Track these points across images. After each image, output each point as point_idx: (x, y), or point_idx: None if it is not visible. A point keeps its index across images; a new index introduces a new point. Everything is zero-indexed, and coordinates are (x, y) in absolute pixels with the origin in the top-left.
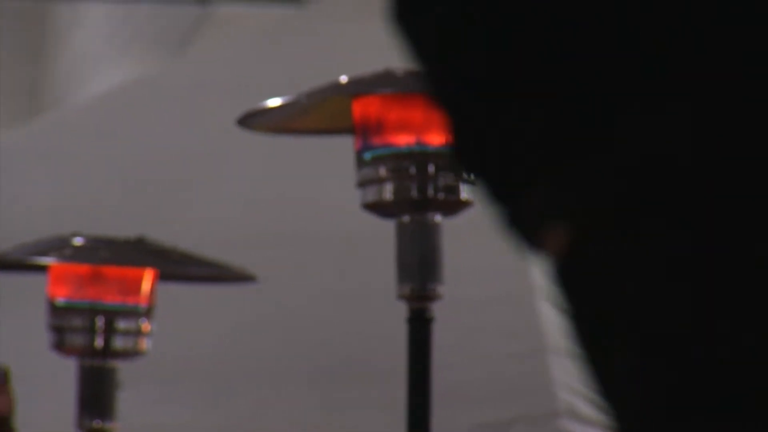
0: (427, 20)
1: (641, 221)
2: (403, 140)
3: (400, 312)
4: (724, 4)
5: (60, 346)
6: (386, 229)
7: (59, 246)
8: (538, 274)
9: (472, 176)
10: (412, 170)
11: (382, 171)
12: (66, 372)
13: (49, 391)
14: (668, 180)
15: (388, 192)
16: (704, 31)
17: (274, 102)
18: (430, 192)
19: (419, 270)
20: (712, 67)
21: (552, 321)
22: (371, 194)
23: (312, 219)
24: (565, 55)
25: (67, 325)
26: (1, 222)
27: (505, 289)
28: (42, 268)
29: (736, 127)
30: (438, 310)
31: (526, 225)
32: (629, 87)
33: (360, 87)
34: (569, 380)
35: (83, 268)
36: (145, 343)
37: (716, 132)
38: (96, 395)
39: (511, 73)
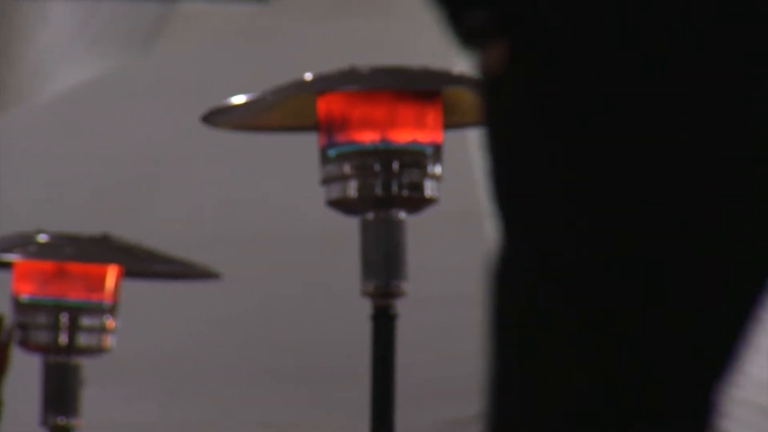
0: None
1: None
2: (368, 137)
3: (364, 309)
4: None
5: (24, 342)
6: (351, 226)
7: (23, 243)
8: None
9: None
10: (377, 167)
11: (347, 168)
12: (30, 369)
13: (13, 388)
14: None
15: (352, 189)
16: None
17: (238, 99)
18: (395, 189)
19: (383, 267)
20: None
21: None
22: (335, 191)
23: (277, 216)
24: None
25: (32, 322)
26: None
27: (470, 286)
28: (6, 265)
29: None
30: (402, 307)
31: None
32: None
33: (324, 84)
34: None
35: (48, 265)
36: (109, 340)
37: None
38: (60, 392)
39: None
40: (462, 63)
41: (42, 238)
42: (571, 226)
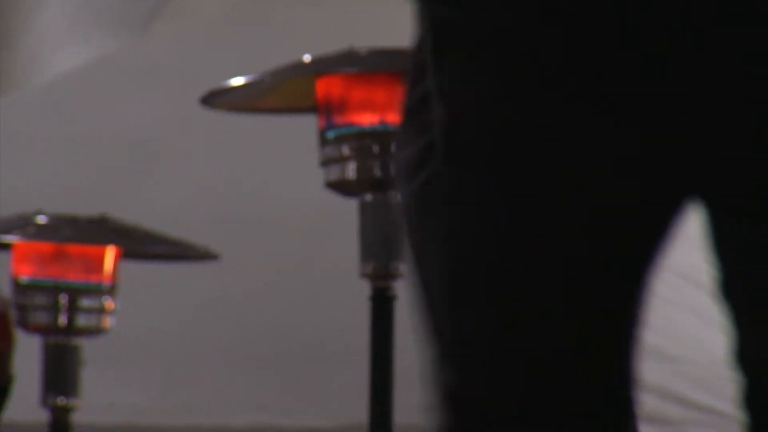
0: None
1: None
2: (367, 119)
3: (363, 291)
4: None
5: (24, 323)
6: (350, 207)
7: (23, 224)
8: None
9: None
10: (375, 149)
11: (345, 150)
12: (30, 350)
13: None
14: None
15: (351, 171)
16: None
17: (237, 81)
18: (393, 171)
19: (382, 248)
20: None
21: None
22: (334, 173)
23: (275, 198)
24: None
25: (31, 303)
26: None
27: None
28: (6, 247)
29: None
30: (401, 288)
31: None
32: None
33: (324, 66)
34: None
35: (47, 247)
36: (108, 321)
37: None
38: (60, 372)
39: None
40: None
41: (41, 219)
42: None
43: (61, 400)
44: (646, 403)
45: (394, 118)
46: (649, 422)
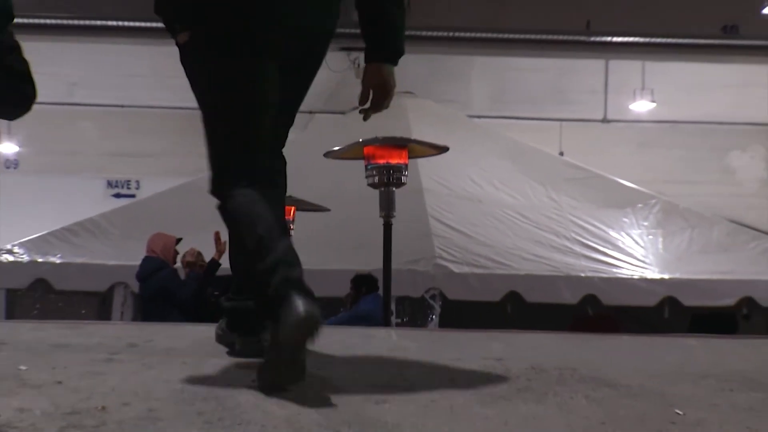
0: None
1: None
2: (383, 160)
3: None
4: None
5: None
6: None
7: None
8: None
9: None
10: (385, 172)
11: (373, 172)
12: None
13: None
14: None
15: (375, 179)
16: None
17: (343, 150)
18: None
19: None
20: None
21: None
22: (369, 181)
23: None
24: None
25: None
26: None
27: None
28: None
29: None
30: None
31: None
32: None
33: (366, 143)
34: None
35: None
36: None
37: None
38: None
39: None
40: None
41: None
42: None
43: None
44: None
45: (397, 160)
46: None
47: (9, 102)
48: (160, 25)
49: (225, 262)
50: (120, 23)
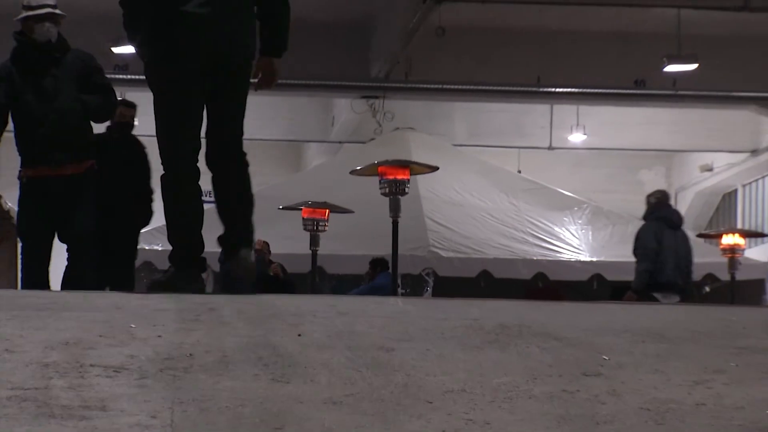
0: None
1: None
2: (391, 176)
3: None
4: None
5: None
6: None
7: None
8: None
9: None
10: (393, 184)
11: (384, 184)
12: None
13: None
14: None
15: (384, 189)
16: None
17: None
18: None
19: None
20: None
21: None
22: (382, 191)
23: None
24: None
25: None
26: None
27: None
28: None
29: None
30: None
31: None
32: None
33: (380, 165)
34: None
35: None
36: None
37: None
38: None
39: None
40: None
41: None
42: None
43: None
44: None
45: (402, 176)
46: None
47: (105, 109)
48: None
49: None
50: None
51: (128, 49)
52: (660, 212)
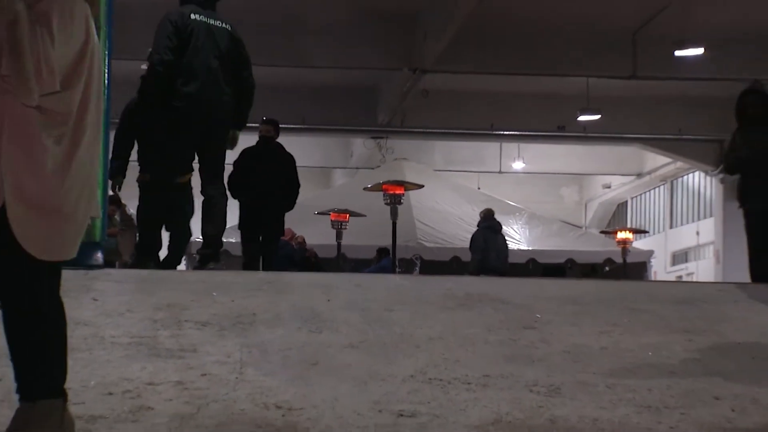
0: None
1: None
2: (392, 191)
3: None
4: None
5: None
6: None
7: None
8: None
9: None
10: (395, 198)
11: (386, 197)
12: None
13: None
14: None
15: (387, 200)
16: None
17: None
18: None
19: None
20: None
21: None
22: (386, 203)
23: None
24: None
25: None
26: None
27: None
28: None
29: None
30: None
31: None
32: None
33: (387, 184)
34: None
35: None
36: None
37: None
38: None
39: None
40: None
41: None
42: None
43: None
44: None
45: (398, 191)
46: None
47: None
48: None
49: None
50: None
51: None
52: (487, 223)
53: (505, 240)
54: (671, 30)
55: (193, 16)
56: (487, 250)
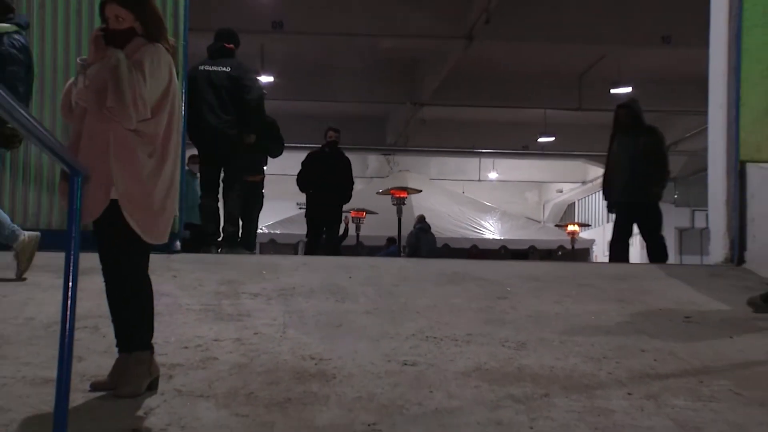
0: None
1: None
2: (398, 195)
3: None
4: None
5: None
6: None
7: None
8: None
9: None
10: (396, 199)
11: (392, 199)
12: None
13: None
14: None
15: (393, 202)
16: None
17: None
18: None
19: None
20: None
21: None
22: (392, 204)
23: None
24: None
25: None
26: None
27: None
28: None
29: None
30: None
31: None
32: None
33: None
34: None
35: None
36: None
37: None
38: None
39: None
40: None
41: None
42: None
43: None
44: None
45: (403, 195)
46: None
47: (279, 143)
48: None
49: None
50: None
51: None
52: (420, 225)
53: (435, 237)
54: (608, 74)
55: (200, 68)
56: (419, 246)
